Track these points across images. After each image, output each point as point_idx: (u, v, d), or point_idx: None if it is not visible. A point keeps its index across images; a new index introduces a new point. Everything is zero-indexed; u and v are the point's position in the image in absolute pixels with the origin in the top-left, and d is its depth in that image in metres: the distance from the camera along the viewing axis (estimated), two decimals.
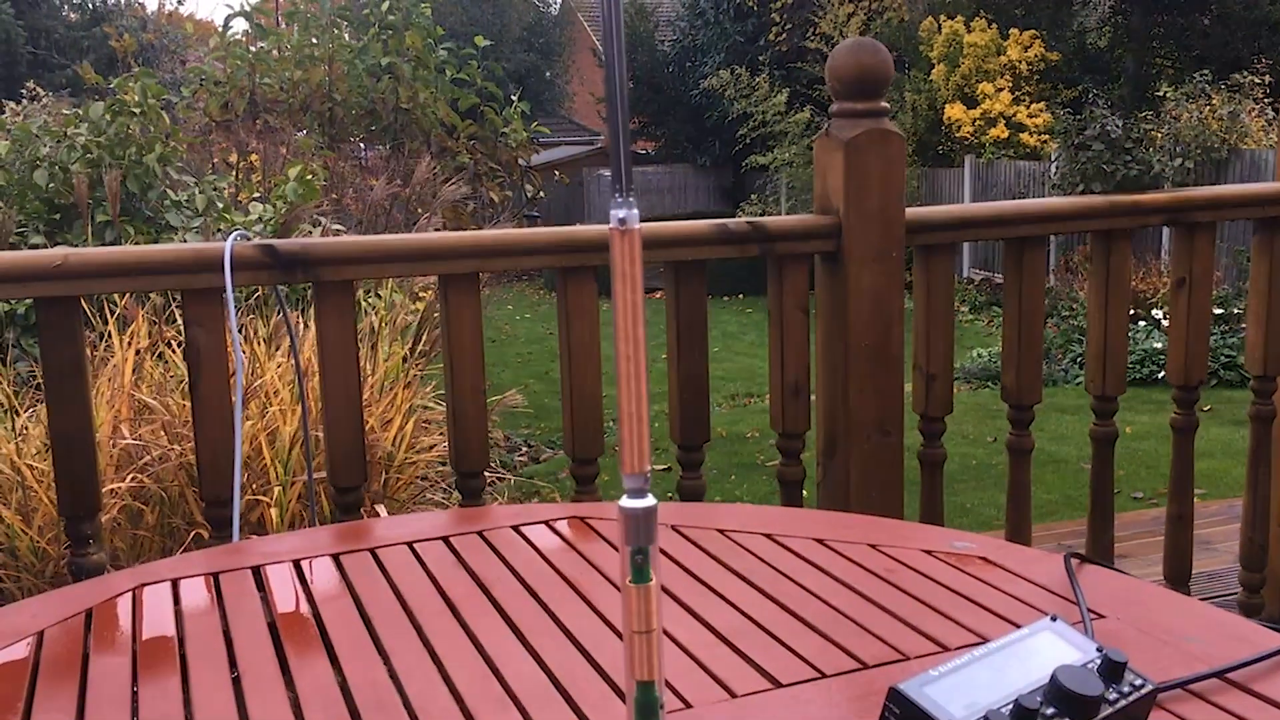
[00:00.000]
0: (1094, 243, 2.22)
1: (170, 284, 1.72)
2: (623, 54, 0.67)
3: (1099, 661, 0.84)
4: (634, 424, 0.70)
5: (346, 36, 9.22)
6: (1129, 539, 3.69)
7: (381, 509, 3.16)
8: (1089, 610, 1.04)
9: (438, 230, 6.64)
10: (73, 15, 20.43)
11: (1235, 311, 8.71)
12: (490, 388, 1.92)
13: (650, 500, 0.71)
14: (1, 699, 0.96)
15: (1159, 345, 8.19)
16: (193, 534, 3.07)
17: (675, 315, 1.97)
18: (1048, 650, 0.85)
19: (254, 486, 3.08)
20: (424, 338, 4.93)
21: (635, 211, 0.69)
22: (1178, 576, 2.41)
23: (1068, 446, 6.22)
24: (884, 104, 1.96)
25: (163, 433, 3.21)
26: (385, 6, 8.93)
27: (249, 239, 1.70)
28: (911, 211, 2.01)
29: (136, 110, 5.29)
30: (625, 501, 0.71)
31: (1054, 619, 0.89)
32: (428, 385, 4.39)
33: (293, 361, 3.42)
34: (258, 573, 1.20)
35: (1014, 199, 13.36)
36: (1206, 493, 4.96)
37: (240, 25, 8.98)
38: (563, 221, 20.45)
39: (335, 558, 1.24)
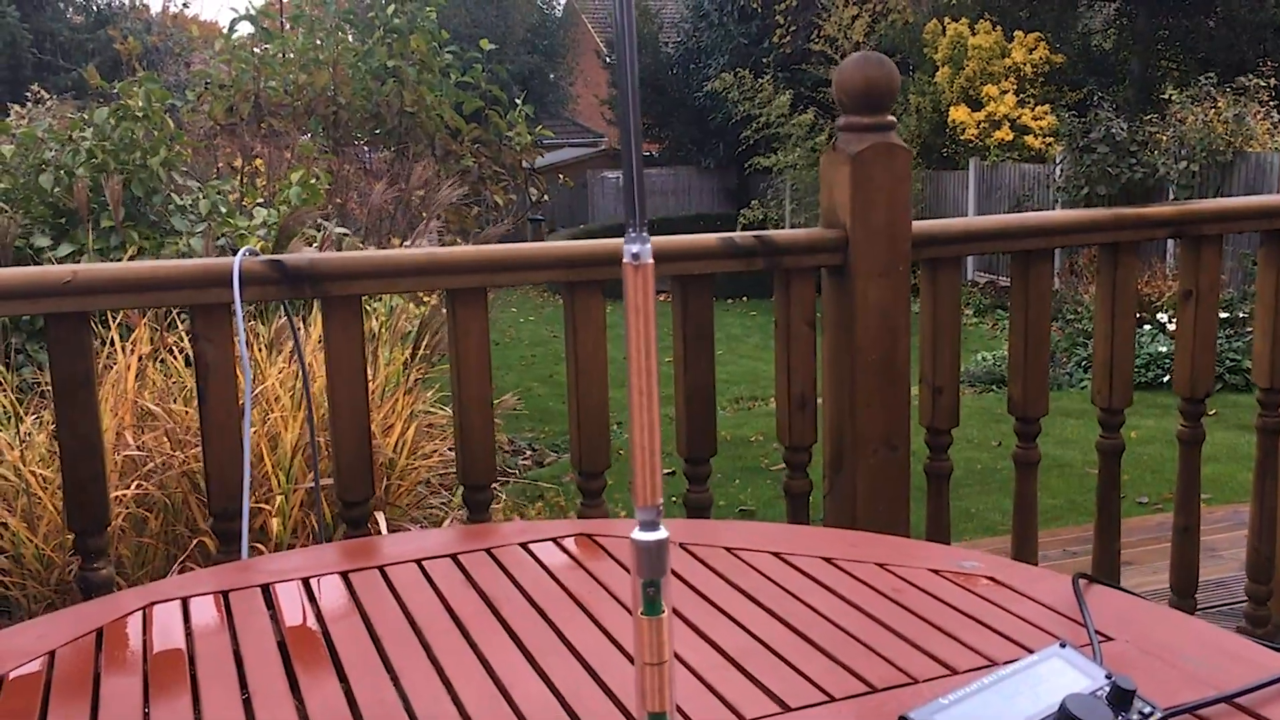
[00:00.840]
0: (1100, 255, 2.22)
1: (178, 299, 1.72)
2: (636, 94, 0.67)
3: (1108, 689, 0.84)
4: (646, 456, 0.70)
5: (351, 39, 9.23)
6: (1134, 545, 3.69)
7: (380, 517, 3.16)
8: (1097, 632, 1.04)
9: (437, 233, 6.66)
10: (77, 18, 20.43)
11: (1241, 315, 8.71)
12: (493, 391, 1.92)
13: (663, 533, 0.72)
14: (14, 719, 0.97)
15: (1164, 349, 8.20)
16: (196, 542, 3.07)
17: (682, 328, 1.97)
18: (1057, 677, 0.86)
19: (256, 494, 3.09)
20: (424, 342, 4.93)
21: (649, 246, 0.69)
22: (1184, 588, 2.41)
23: (1073, 451, 6.22)
24: (890, 118, 1.97)
25: (166, 440, 3.22)
26: (390, 10, 8.94)
27: (257, 254, 1.70)
28: (918, 225, 2.01)
29: (141, 115, 5.29)
30: (638, 534, 0.71)
31: (1063, 645, 0.89)
32: (429, 390, 4.39)
33: (293, 367, 3.42)
34: (267, 591, 1.21)
35: (1018, 202, 13.38)
36: (1211, 497, 4.95)
37: (245, 28, 8.99)
38: (566, 223, 20.48)
39: (344, 575, 1.25)
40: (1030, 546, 2.26)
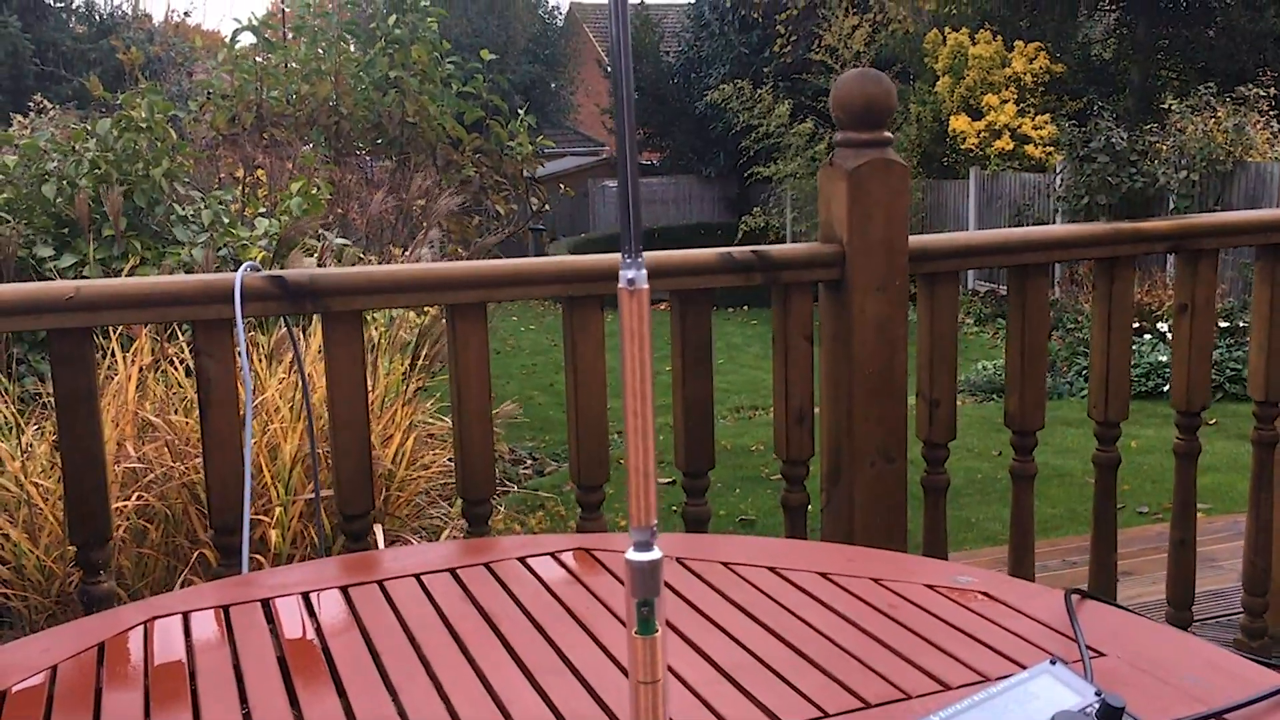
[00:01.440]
0: (1097, 269, 2.23)
1: (180, 315, 1.74)
2: (632, 119, 0.69)
3: (1097, 706, 0.85)
4: (641, 479, 0.71)
5: (353, 50, 9.26)
6: (1134, 555, 3.70)
7: (379, 530, 3.17)
8: (1088, 648, 1.05)
9: (439, 242, 6.68)
10: (80, 28, 20.46)
11: (1241, 325, 8.71)
12: (494, 399, 1.93)
13: (656, 553, 0.73)
14: None
15: (1164, 359, 8.20)
16: (196, 554, 3.08)
17: (681, 342, 1.98)
18: (1047, 694, 0.87)
19: (255, 506, 3.09)
20: (424, 351, 4.94)
21: (644, 272, 0.70)
22: (1181, 602, 2.42)
23: (1073, 460, 6.22)
24: (887, 134, 1.98)
25: (166, 450, 3.22)
26: (392, 20, 8.97)
27: (258, 269, 1.72)
28: (915, 240, 2.02)
29: (144, 125, 5.32)
30: (632, 554, 0.73)
31: (1054, 662, 0.90)
32: (428, 400, 4.40)
33: (293, 378, 3.43)
34: (267, 605, 1.22)
35: (1019, 211, 13.39)
36: (1212, 507, 4.96)
37: (247, 39, 9.02)
38: (567, 232, 20.51)
39: (344, 590, 1.26)
40: (1028, 559, 2.27)
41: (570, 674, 1.05)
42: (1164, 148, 11.54)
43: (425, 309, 5.16)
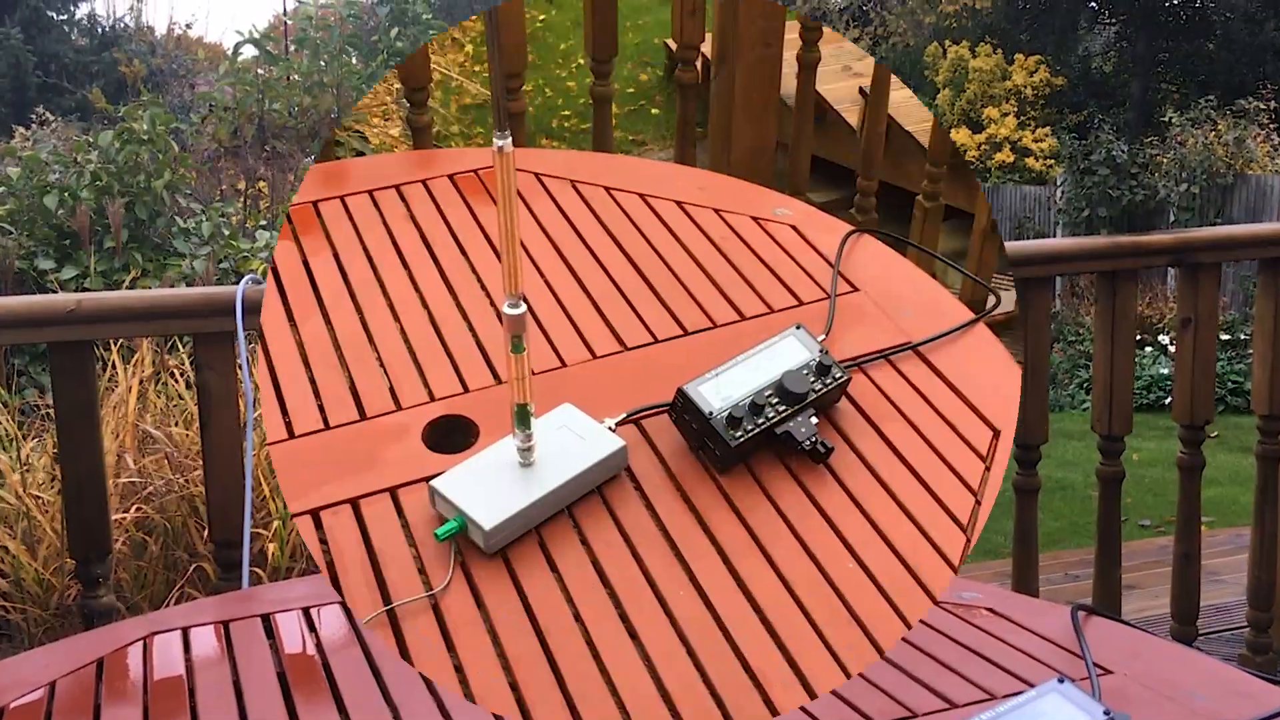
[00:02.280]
0: (1099, 283, 2.23)
1: (182, 328, 1.73)
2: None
3: None
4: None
5: (355, 62, 9.28)
6: (1136, 569, 3.69)
7: None
8: (1095, 665, 1.04)
9: None
10: (82, 40, 20.48)
11: (1243, 337, 8.72)
12: None
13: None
14: None
15: (1166, 371, 8.20)
16: (194, 567, 3.06)
17: None
18: (1054, 713, 0.86)
19: (254, 519, 3.07)
20: None
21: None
22: (1185, 616, 2.41)
23: (1075, 473, 6.21)
24: None
25: (165, 463, 3.21)
26: (394, 33, 8.99)
27: (260, 282, 1.71)
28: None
29: (145, 138, 5.32)
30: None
31: (1061, 681, 0.90)
32: None
33: None
34: (268, 620, 1.21)
35: (1019, 224, 13.41)
36: (1214, 520, 4.94)
37: (249, 51, 9.03)
38: None
39: (345, 604, 1.25)
40: (1031, 574, 2.26)
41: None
42: (1165, 160, 11.55)
43: None
